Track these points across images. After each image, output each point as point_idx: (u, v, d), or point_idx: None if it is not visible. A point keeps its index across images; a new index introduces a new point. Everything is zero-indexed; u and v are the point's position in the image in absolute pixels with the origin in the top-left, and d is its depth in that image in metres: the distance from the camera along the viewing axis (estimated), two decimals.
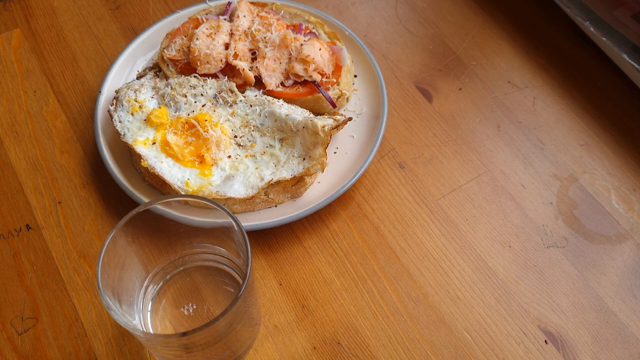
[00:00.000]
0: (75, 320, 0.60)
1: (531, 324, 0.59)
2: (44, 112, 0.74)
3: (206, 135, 0.64)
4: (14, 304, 0.61)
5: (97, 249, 0.64)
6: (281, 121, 0.65)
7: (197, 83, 0.68)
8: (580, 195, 0.67)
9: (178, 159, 0.64)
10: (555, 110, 0.74)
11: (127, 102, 0.67)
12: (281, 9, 0.75)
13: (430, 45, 0.79)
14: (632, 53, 0.70)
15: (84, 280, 0.62)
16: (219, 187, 0.62)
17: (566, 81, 0.76)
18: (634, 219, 0.65)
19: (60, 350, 0.58)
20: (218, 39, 0.69)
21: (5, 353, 0.58)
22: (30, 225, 0.66)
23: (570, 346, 0.58)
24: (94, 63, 0.78)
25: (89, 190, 0.68)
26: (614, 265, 0.63)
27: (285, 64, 0.69)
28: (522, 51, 0.78)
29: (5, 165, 0.70)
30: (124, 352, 0.58)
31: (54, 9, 0.83)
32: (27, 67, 0.77)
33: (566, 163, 0.69)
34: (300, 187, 0.64)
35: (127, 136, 0.65)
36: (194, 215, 0.57)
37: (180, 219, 0.56)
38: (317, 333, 0.59)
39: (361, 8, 0.83)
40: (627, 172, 0.69)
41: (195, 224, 0.57)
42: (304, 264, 0.63)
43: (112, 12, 0.82)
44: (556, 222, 0.65)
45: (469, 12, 0.82)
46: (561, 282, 0.62)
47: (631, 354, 0.58)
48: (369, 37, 0.80)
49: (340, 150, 0.69)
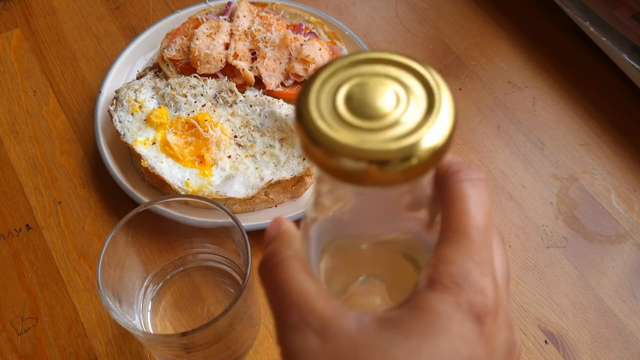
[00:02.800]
0: (75, 320, 0.60)
1: (531, 324, 0.59)
2: (44, 112, 0.74)
3: (206, 135, 0.64)
4: (14, 304, 0.61)
5: (97, 249, 0.64)
6: (281, 121, 0.65)
7: (197, 83, 0.68)
8: (580, 195, 0.67)
9: (178, 159, 0.64)
10: (555, 110, 0.74)
11: (127, 102, 0.67)
12: (281, 9, 0.75)
13: (430, 45, 0.79)
14: (632, 53, 0.70)
15: (84, 280, 0.62)
16: (219, 187, 0.62)
17: (566, 81, 0.76)
18: (634, 219, 0.65)
19: (60, 350, 0.58)
20: (218, 39, 0.69)
21: (5, 353, 0.58)
22: (30, 225, 0.66)
23: (570, 346, 0.58)
24: (94, 63, 0.78)
25: (89, 190, 0.68)
26: (614, 265, 0.63)
27: (285, 64, 0.69)
28: (522, 51, 0.78)
29: (5, 165, 0.70)
30: (124, 352, 0.58)
31: (54, 9, 0.83)
32: (27, 67, 0.77)
33: (566, 163, 0.69)
34: (300, 187, 0.64)
35: (127, 136, 0.65)
36: (194, 215, 0.57)
37: (180, 219, 0.56)
38: None
39: (361, 8, 0.83)
40: (627, 172, 0.69)
41: (195, 224, 0.57)
42: None
43: (112, 12, 0.82)
44: (556, 222, 0.65)
45: (469, 12, 0.82)
46: (561, 282, 0.62)
47: (631, 354, 0.58)
48: (369, 37, 0.80)
49: None
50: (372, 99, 0.24)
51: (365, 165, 0.22)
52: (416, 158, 0.23)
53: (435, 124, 0.23)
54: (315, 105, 0.24)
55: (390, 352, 0.24)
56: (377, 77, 0.24)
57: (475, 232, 0.26)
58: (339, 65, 0.25)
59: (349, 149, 0.22)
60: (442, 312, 0.25)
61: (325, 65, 0.25)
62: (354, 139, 0.23)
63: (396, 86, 0.24)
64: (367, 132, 0.23)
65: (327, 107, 0.24)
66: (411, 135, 0.23)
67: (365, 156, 0.22)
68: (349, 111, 0.23)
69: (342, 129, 0.23)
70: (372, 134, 0.23)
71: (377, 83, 0.24)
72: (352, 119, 0.23)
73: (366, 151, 0.22)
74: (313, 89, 0.24)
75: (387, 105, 0.24)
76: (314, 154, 0.23)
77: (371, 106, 0.24)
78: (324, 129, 0.23)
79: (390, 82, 0.24)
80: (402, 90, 0.24)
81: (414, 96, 0.24)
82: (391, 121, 0.23)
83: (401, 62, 0.25)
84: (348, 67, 0.25)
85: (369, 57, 0.25)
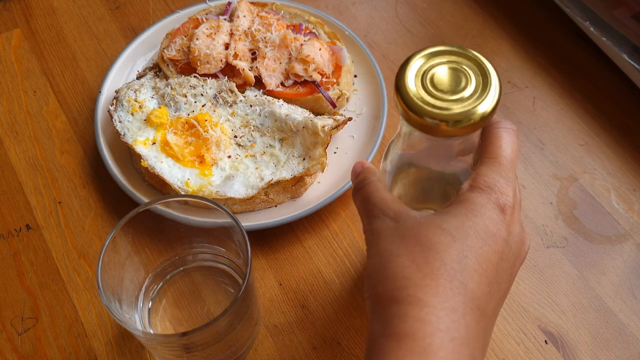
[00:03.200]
0: (75, 320, 0.60)
1: (531, 324, 0.59)
2: (44, 112, 0.74)
3: (206, 135, 0.64)
4: (14, 304, 0.61)
5: (97, 249, 0.64)
6: (281, 121, 0.65)
7: (197, 83, 0.68)
8: (580, 195, 0.67)
9: (178, 159, 0.64)
10: (555, 110, 0.74)
11: (127, 102, 0.67)
12: (281, 9, 0.75)
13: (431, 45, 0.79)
14: (632, 53, 0.70)
15: (84, 280, 0.62)
16: (219, 187, 0.62)
17: (566, 81, 0.76)
18: (634, 219, 0.65)
19: (60, 350, 0.58)
20: (218, 39, 0.69)
21: (5, 353, 0.58)
22: (30, 225, 0.66)
23: (570, 346, 0.58)
24: (94, 63, 0.78)
25: (89, 190, 0.68)
26: (614, 265, 0.63)
27: (285, 64, 0.69)
28: (522, 51, 0.78)
29: (5, 165, 0.70)
30: (124, 352, 0.58)
31: (54, 9, 0.83)
32: (27, 67, 0.77)
33: (566, 163, 0.69)
34: (300, 187, 0.64)
35: (127, 136, 0.65)
36: (194, 215, 0.57)
37: (180, 219, 0.56)
38: (317, 333, 0.59)
39: (361, 8, 0.83)
40: (627, 172, 0.69)
41: (195, 224, 0.57)
42: (304, 264, 0.63)
43: (112, 12, 0.82)
44: (556, 222, 0.65)
45: (469, 12, 0.82)
46: (561, 282, 0.62)
47: (631, 354, 0.58)
48: (369, 37, 0.80)
49: (340, 150, 0.69)
50: (446, 79, 0.38)
51: (439, 123, 0.36)
52: (472, 120, 0.37)
53: (486, 98, 0.37)
54: (409, 82, 0.38)
55: (443, 225, 0.38)
56: (450, 65, 0.38)
57: (504, 159, 0.40)
58: (423, 54, 0.39)
59: (429, 113, 0.37)
60: (478, 202, 0.38)
61: (413, 55, 0.39)
62: (432, 106, 0.37)
63: (462, 71, 0.38)
64: (442, 101, 0.37)
65: (417, 83, 0.38)
66: (470, 105, 0.37)
67: (439, 117, 0.36)
68: (431, 86, 0.38)
69: (426, 98, 0.37)
70: (444, 102, 0.37)
71: (449, 69, 0.38)
72: (434, 91, 0.37)
73: (440, 114, 0.37)
74: (407, 70, 0.38)
75: (455, 83, 0.38)
76: (407, 114, 0.37)
77: (445, 84, 0.38)
78: (415, 98, 0.37)
79: (458, 69, 0.38)
80: (465, 74, 0.38)
81: (474, 77, 0.38)
82: (457, 94, 0.37)
83: (466, 54, 0.39)
84: (430, 55, 0.39)
85: (444, 49, 0.39)
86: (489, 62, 0.38)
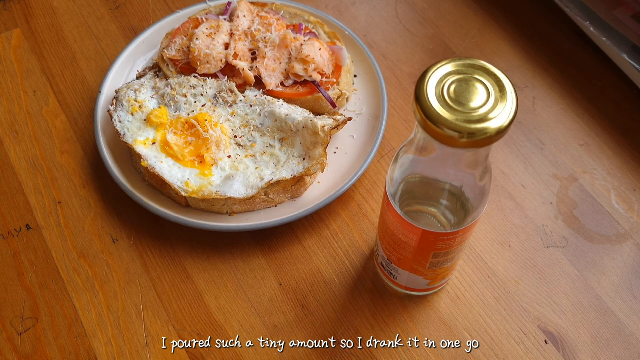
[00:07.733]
0: (75, 320, 0.60)
1: (531, 324, 0.59)
2: (44, 112, 0.74)
3: (206, 135, 0.64)
4: (14, 304, 0.61)
5: (97, 249, 0.64)
6: (281, 121, 0.65)
7: (197, 83, 0.68)
8: (580, 195, 0.67)
9: (178, 159, 0.64)
10: (555, 110, 0.74)
11: (127, 102, 0.67)
12: (281, 9, 0.75)
13: (430, 45, 0.79)
14: (632, 53, 0.70)
15: (84, 280, 0.62)
16: (219, 187, 0.62)
17: (566, 81, 0.76)
18: (634, 219, 0.65)
19: (60, 350, 0.58)
20: (218, 39, 0.69)
21: (5, 353, 0.58)
22: (30, 225, 0.66)
23: (570, 346, 0.58)
24: (94, 63, 0.78)
25: (89, 190, 0.68)
26: (614, 265, 0.63)
27: (285, 64, 0.69)
28: (522, 51, 0.78)
29: (5, 165, 0.70)
30: (124, 352, 0.58)
31: (54, 9, 0.83)
32: (27, 67, 0.77)
33: (566, 163, 0.69)
34: (300, 187, 0.64)
35: (127, 136, 0.65)
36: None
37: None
38: (317, 333, 0.59)
39: (361, 8, 0.83)
40: (627, 172, 0.69)
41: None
42: (304, 264, 0.63)
43: (112, 12, 0.82)
44: (556, 222, 0.65)
45: (469, 12, 0.82)
46: (561, 282, 0.62)
47: (631, 354, 0.58)
48: (369, 37, 0.80)
49: (340, 150, 0.69)
50: (464, 92, 0.38)
51: (455, 135, 0.37)
52: (487, 134, 0.37)
53: (502, 113, 0.38)
54: (428, 93, 0.38)
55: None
56: (469, 78, 0.39)
57: None
58: (444, 64, 0.39)
59: (446, 123, 0.37)
60: None
61: (433, 65, 0.40)
62: (450, 118, 0.37)
63: (481, 85, 0.39)
64: (459, 114, 0.37)
65: (437, 93, 0.38)
66: (486, 119, 0.37)
67: (455, 129, 0.37)
68: (449, 98, 0.38)
69: (444, 110, 0.37)
70: (462, 115, 0.37)
71: (468, 82, 0.39)
72: (452, 103, 0.38)
73: (457, 126, 0.37)
74: (427, 80, 0.39)
75: (473, 97, 0.38)
76: (425, 123, 0.38)
77: (463, 97, 0.38)
78: (433, 107, 0.38)
79: (477, 82, 0.39)
80: (484, 88, 0.39)
81: (492, 92, 0.38)
82: (475, 109, 0.38)
83: (485, 68, 0.39)
84: (451, 67, 0.39)
85: (465, 63, 0.40)
86: (504, 75, 0.39)
